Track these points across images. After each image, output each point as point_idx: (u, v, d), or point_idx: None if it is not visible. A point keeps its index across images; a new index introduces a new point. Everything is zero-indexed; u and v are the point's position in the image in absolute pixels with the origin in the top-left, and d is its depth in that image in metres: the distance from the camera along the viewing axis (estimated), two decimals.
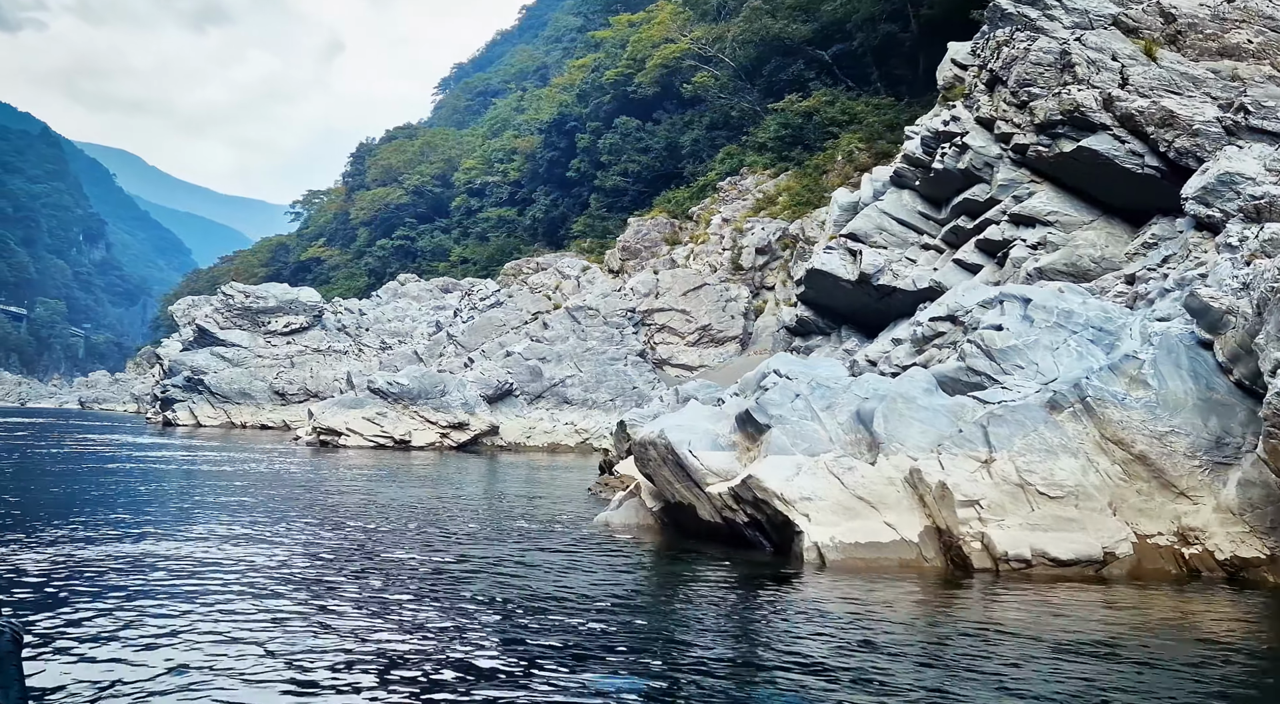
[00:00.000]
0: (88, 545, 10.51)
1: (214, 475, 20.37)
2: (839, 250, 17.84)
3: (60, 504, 14.68)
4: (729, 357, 45.52)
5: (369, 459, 27.99)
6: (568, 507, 15.16)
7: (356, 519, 13.02)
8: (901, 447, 9.91)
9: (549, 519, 13.38)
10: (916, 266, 17.33)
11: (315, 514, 13.60)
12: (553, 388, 37.59)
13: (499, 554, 10.33)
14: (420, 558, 10.08)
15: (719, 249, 51.59)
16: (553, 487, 19.48)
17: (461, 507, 15.06)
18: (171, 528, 12.11)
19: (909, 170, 18.02)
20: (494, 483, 20.67)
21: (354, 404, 33.34)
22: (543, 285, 45.51)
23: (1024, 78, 15.98)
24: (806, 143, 56.03)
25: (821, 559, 9.14)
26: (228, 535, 11.42)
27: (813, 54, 59.87)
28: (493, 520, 13.22)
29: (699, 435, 10.78)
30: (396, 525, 12.48)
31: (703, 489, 10.48)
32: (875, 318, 18.22)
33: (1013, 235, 15.94)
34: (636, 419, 20.80)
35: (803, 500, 9.43)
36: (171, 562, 9.57)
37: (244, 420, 53.47)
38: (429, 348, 43.56)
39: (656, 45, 66.80)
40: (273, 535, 11.51)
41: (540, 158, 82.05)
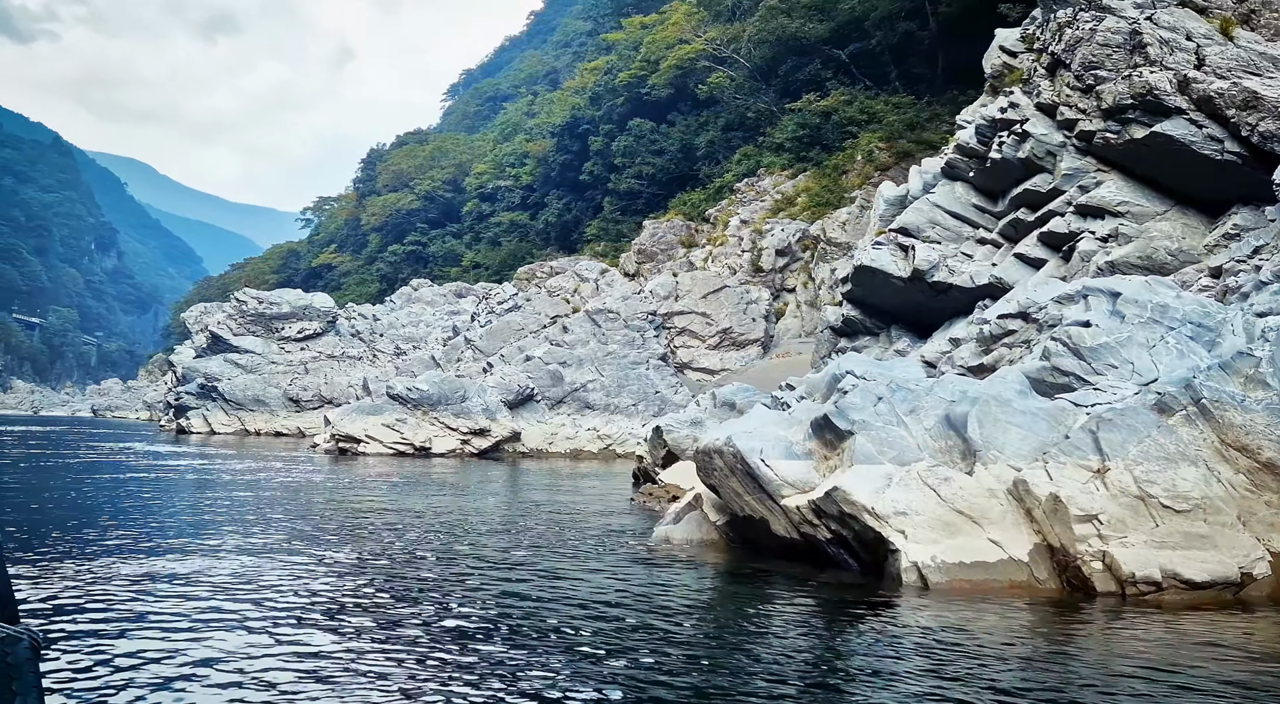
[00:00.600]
0: (106, 558, 9.96)
1: (233, 485, 19.45)
2: (888, 246, 16.85)
3: (77, 516, 13.81)
4: (751, 360, 44.52)
5: (390, 467, 27.07)
6: (614, 519, 14.18)
7: (388, 534, 12.07)
8: (1000, 455, 8.92)
9: (600, 534, 12.39)
10: (973, 262, 16.33)
11: (343, 529, 12.65)
12: (574, 393, 36.64)
13: (553, 574, 9.36)
14: (466, 578, 9.12)
15: (738, 251, 50.64)
16: (588, 496, 18.50)
17: (500, 519, 14.10)
18: (191, 542, 11.26)
19: (962, 161, 17.02)
20: (525, 492, 19.71)
21: (373, 410, 32.43)
22: (561, 288, 44.57)
23: (1090, 60, 14.98)
24: (825, 143, 55.10)
25: (923, 581, 8.14)
26: (251, 550, 10.50)
27: (829, 53, 58.95)
28: (538, 535, 12.25)
29: (771, 443, 9.80)
30: (433, 540, 11.53)
31: (777, 502, 9.49)
32: (928, 317, 17.22)
33: (1080, 228, 14.94)
34: (673, 425, 19.85)
35: (897, 515, 8.44)
36: (192, 580, 8.83)
37: (258, 427, 52.64)
38: (446, 353, 42.65)
39: (671, 46, 65.96)
40: (299, 552, 10.57)
41: (552, 161, 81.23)
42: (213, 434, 51.55)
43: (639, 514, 14.62)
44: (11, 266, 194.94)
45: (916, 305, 17.10)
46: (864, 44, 57.70)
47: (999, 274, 15.69)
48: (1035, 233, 15.69)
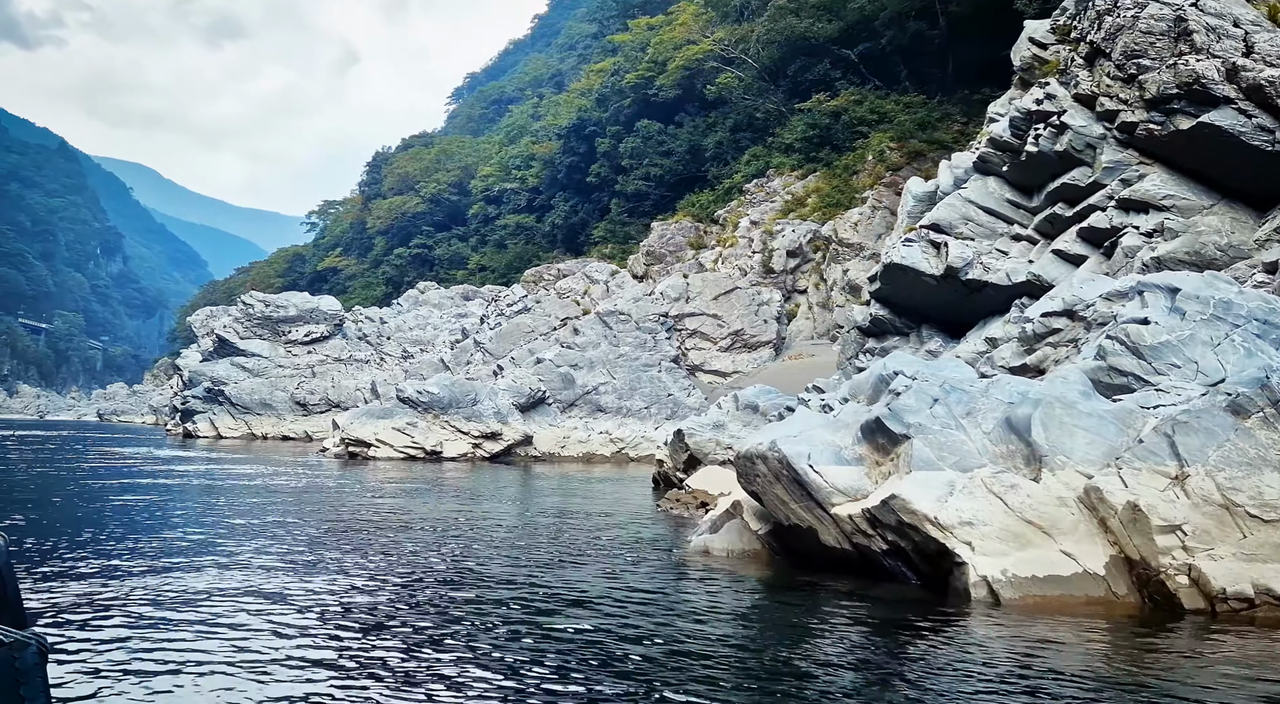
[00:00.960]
0: (116, 566, 9.64)
1: (244, 492, 18.88)
2: (919, 243, 16.25)
3: (86, 524, 13.31)
4: (763, 362, 43.94)
5: (401, 471, 26.50)
6: (643, 527, 13.59)
7: (406, 544, 11.49)
8: (1068, 460, 8.32)
9: (631, 543, 11.80)
10: (1008, 259, 15.73)
11: (359, 537, 12.07)
12: (586, 396, 36.07)
13: (587, 588, 8.78)
14: (495, 591, 8.54)
15: (748, 252, 50.06)
16: (609, 501, 17.91)
17: (522, 527, 13.51)
18: (201, 551, 10.73)
19: (995, 155, 16.42)
20: (542, 497, 19.11)
21: (383, 414, 31.87)
22: (570, 290, 44.01)
23: (1132, 49, 14.39)
24: (835, 143, 54.54)
25: (994, 596, 7.54)
26: (263, 562, 9.93)
27: (838, 53, 58.36)
28: (566, 544, 11.66)
29: (819, 448, 9.21)
30: (455, 551, 10.95)
31: (826, 510, 8.90)
32: (960, 316, 16.61)
33: (1122, 222, 14.34)
34: (695, 428, 19.28)
35: (963, 526, 7.84)
36: (202, 590, 8.46)
37: (265, 431, 52.13)
38: (455, 356, 42.09)
39: (678, 47, 65.43)
40: (315, 562, 10.01)
41: (559, 163, 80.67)
42: (219, 438, 51.04)
43: (667, 521, 14.02)
44: (17, 271, 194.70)
45: (949, 304, 16.50)
46: (873, 44, 57.11)
47: (1037, 271, 15.09)
48: (1074, 228, 15.10)
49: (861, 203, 48.53)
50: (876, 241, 46.29)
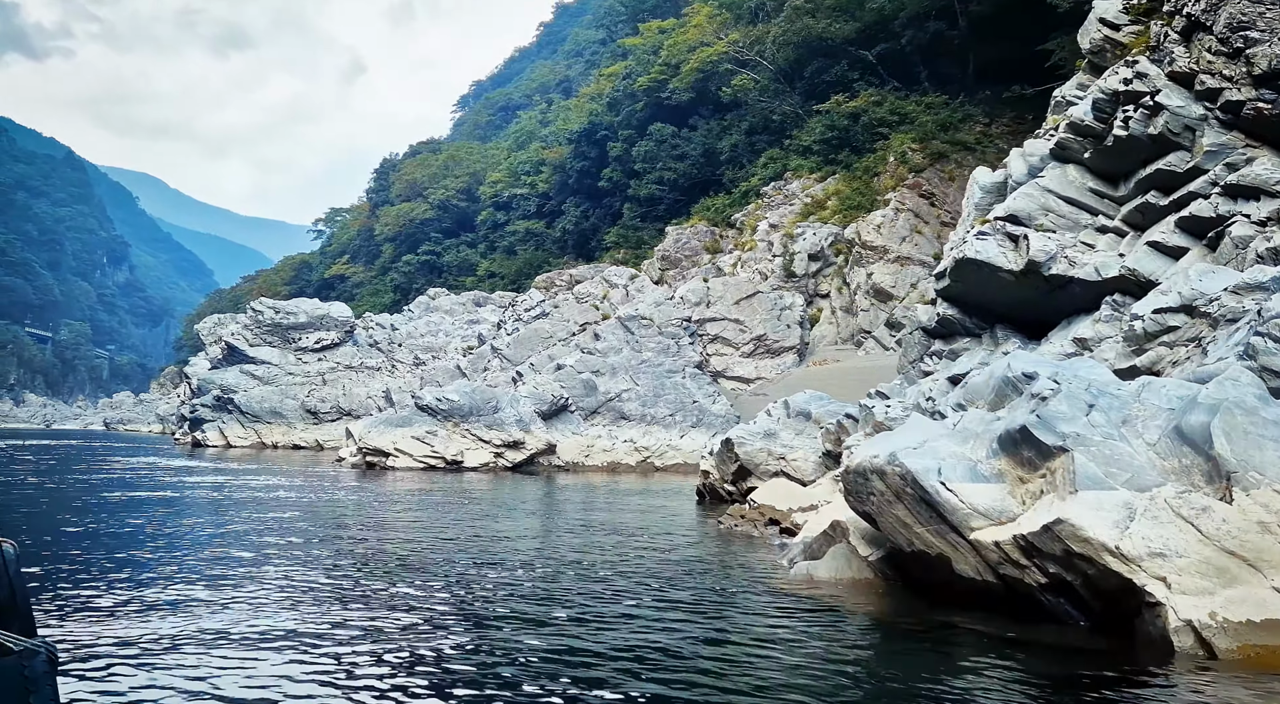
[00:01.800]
0: (128, 580, 9.20)
1: (262, 506, 17.51)
2: (995, 236, 14.89)
3: (99, 537, 12.35)
4: (787, 368, 42.59)
5: (421, 482, 25.14)
6: (712, 549, 12.18)
7: (445, 566, 10.13)
8: (1262, 477, 6.95)
9: (708, 568, 10.41)
10: (1096, 252, 14.37)
11: (393, 560, 10.72)
12: (608, 403, 34.70)
13: (674, 627, 7.41)
14: (566, 633, 7.17)
15: (768, 256, 48.73)
16: (658, 517, 16.52)
17: (570, 548, 12.13)
18: (216, 569, 9.83)
19: (1075, 141, 15.06)
20: (582, 512, 17.72)
21: (401, 422, 30.51)
22: (589, 295, 42.66)
23: (1238, 20, 13.06)
24: (854, 145, 53.25)
25: (1205, 647, 6.16)
26: (288, 583, 8.62)
27: (856, 54, 57.11)
28: (633, 569, 10.28)
29: (949, 462, 7.84)
30: (511, 579, 9.57)
31: (964, 535, 7.54)
32: (1040, 314, 15.25)
33: (1230, 210, 12.98)
34: (745, 437, 17.91)
35: (1153, 558, 6.47)
36: (219, 607, 7.96)
37: (275, 440, 50.79)
38: (472, 362, 40.74)
39: (692, 49, 64.20)
40: (351, 589, 8.67)
41: (570, 168, 79.44)
42: (229, 447, 49.70)
43: (737, 542, 12.63)
44: (24, 280, 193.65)
45: (1027, 302, 15.13)
46: (891, 44, 55.86)
47: (1131, 265, 13.72)
48: (1171, 218, 13.74)
49: (884, 205, 47.21)
50: (901, 244, 45.00)
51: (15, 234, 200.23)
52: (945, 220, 46.21)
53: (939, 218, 46.29)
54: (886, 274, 43.84)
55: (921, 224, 45.87)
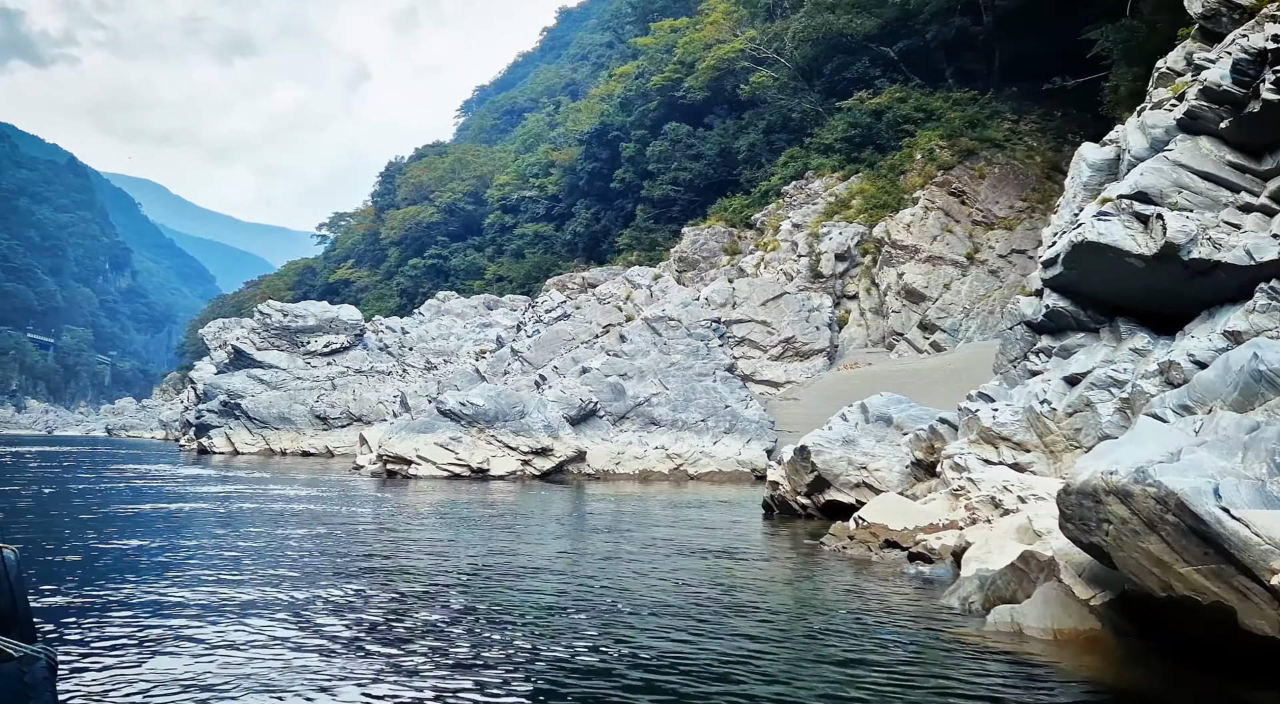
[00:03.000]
0: (135, 594, 8.67)
1: (279, 520, 15.57)
2: (1120, 217, 13.02)
3: (110, 548, 11.48)
4: (817, 371, 40.70)
5: (448, 492, 23.20)
6: (827, 581, 10.22)
7: (510, 603, 8.25)
8: None
9: (856, 608, 8.48)
10: (1243, 233, 12.50)
11: (439, 599, 8.84)
12: (637, 407, 32.78)
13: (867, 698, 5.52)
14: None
15: (792, 256, 46.88)
16: (732, 534, 14.60)
17: (658, 573, 10.22)
18: (234, 591, 8.87)
19: (1209, 109, 13.19)
20: (640, 528, 15.77)
21: (423, 428, 28.57)
22: (611, 296, 40.76)
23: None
24: (878, 143, 51.45)
25: None
26: (318, 622, 6.80)
27: (877, 51, 55.37)
28: (746, 607, 8.38)
29: (1229, 481, 5.95)
30: (585, 619, 7.69)
31: (1259, 579, 5.65)
32: (1171, 305, 13.36)
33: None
34: (822, 444, 15.99)
35: None
36: (229, 623, 7.47)
37: (284, 447, 48.82)
38: (491, 365, 38.81)
39: (708, 47, 62.41)
40: (394, 626, 6.83)
41: (580, 170, 77.61)
42: (236, 454, 47.72)
43: (857, 570, 10.67)
44: (26, 286, 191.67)
45: (1158, 291, 13.23)
46: (914, 40, 54.13)
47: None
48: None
49: (912, 203, 45.39)
50: (932, 243, 43.17)
51: (18, 240, 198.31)
52: (977, 219, 44.41)
53: (970, 216, 44.47)
54: (918, 274, 41.99)
55: (952, 223, 44.04)
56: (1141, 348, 13.22)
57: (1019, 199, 44.75)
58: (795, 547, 12.91)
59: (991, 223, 43.99)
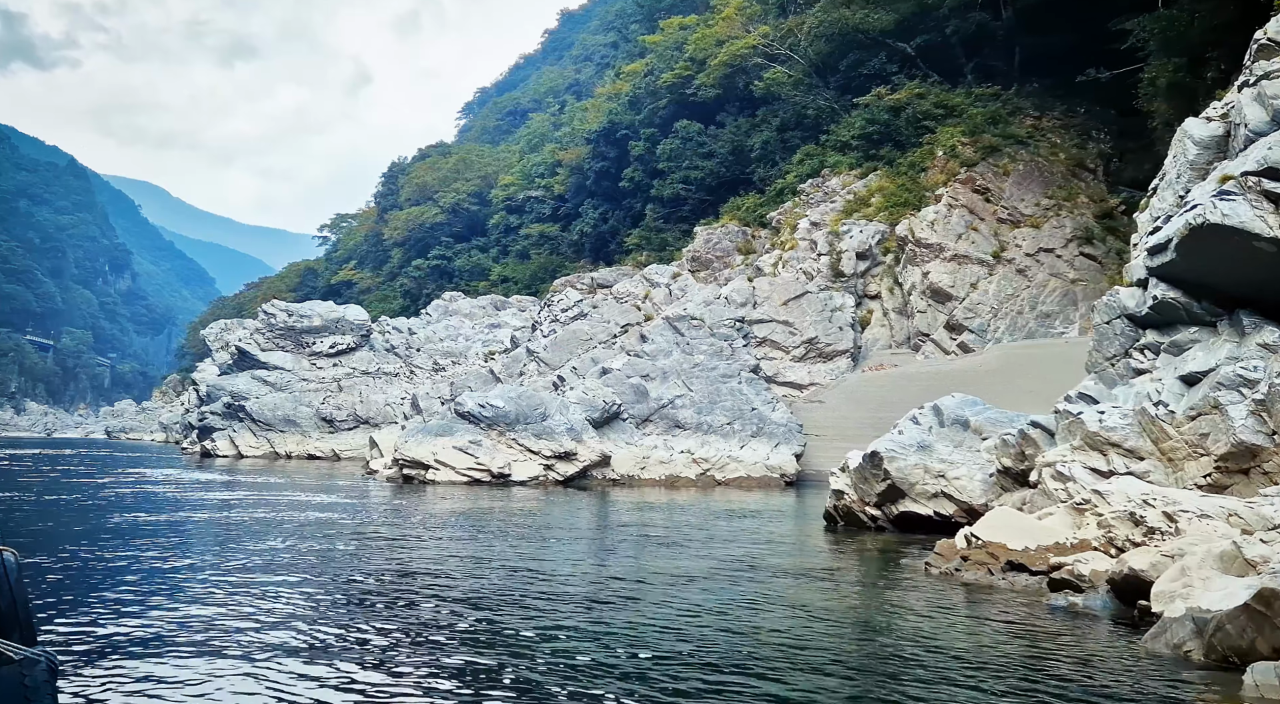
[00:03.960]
0: (150, 622, 7.85)
1: (300, 532, 14.08)
2: (1246, 196, 11.58)
3: (115, 562, 10.68)
4: (841, 373, 39.24)
5: (469, 499, 21.71)
6: (982, 613, 8.78)
7: (584, 640, 6.79)
8: None
9: (1047, 654, 7.01)
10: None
11: (491, 623, 7.38)
12: (661, 410, 31.30)
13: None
14: None
15: (812, 255, 45.40)
16: (802, 549, 13.13)
17: (751, 608, 8.75)
18: (257, 612, 8.14)
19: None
20: (699, 541, 14.27)
21: (441, 431, 27.06)
22: (628, 294, 39.32)
23: None
24: (897, 140, 50.00)
25: None
26: (338, 650, 5.48)
27: (894, 47, 53.96)
28: (883, 656, 6.92)
29: None
30: (683, 667, 6.23)
31: None
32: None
33: None
34: (895, 450, 14.53)
35: None
36: (237, 645, 6.97)
37: (289, 450, 47.30)
38: (506, 366, 37.31)
39: (720, 43, 60.97)
40: (442, 663, 5.41)
41: (587, 169, 76.09)
42: (240, 457, 46.20)
43: (985, 598, 9.21)
44: (26, 288, 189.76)
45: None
46: (932, 36, 52.73)
47: None
48: None
49: (935, 201, 43.96)
50: (957, 241, 41.75)
51: (17, 242, 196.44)
52: (1002, 217, 43.00)
53: (995, 214, 43.05)
54: (944, 273, 40.56)
55: (977, 220, 42.62)
56: (1272, 343, 11.76)
57: (1044, 196, 43.35)
58: (887, 567, 11.43)
59: (1017, 220, 42.58)
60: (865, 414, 35.50)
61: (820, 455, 32.87)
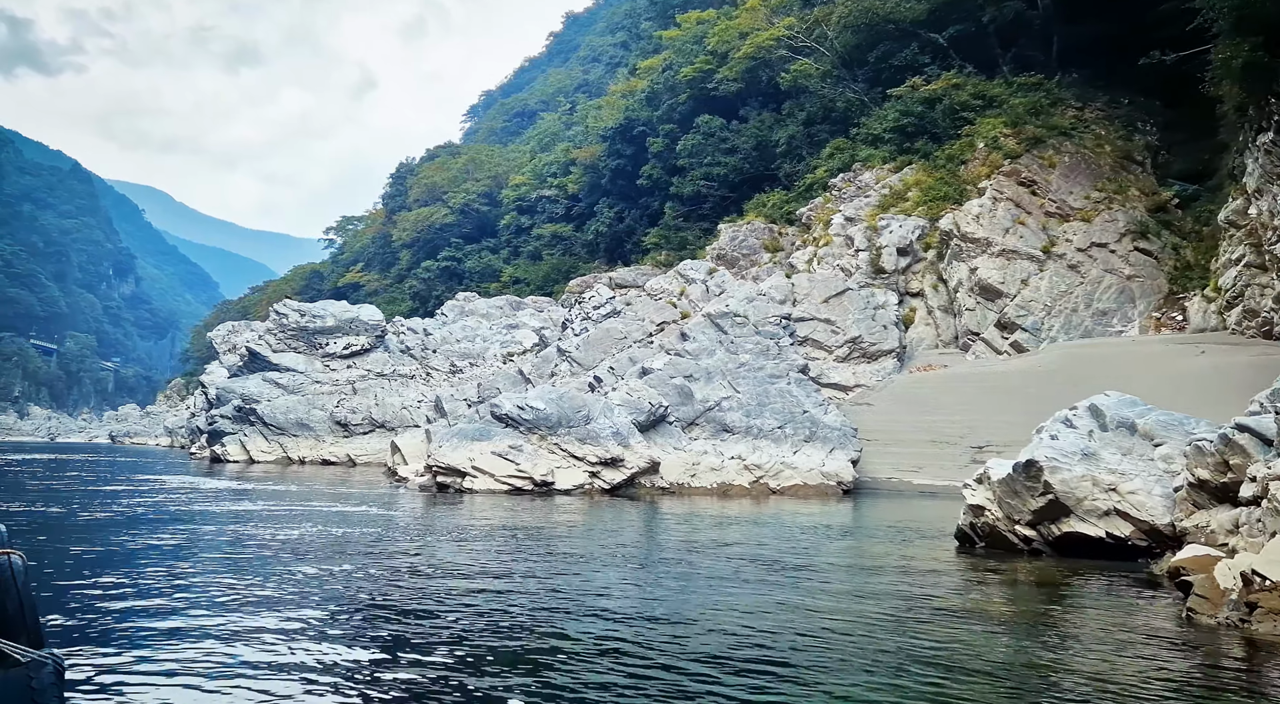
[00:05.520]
0: (160, 627, 7.37)
1: (330, 551, 11.64)
2: None
3: (127, 568, 10.18)
4: (887, 374, 36.85)
5: (514, 512, 19.29)
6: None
7: None
8: None
9: None
10: None
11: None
12: (707, 412, 28.86)
13: None
14: None
15: (849, 251, 43.04)
16: (960, 584, 10.71)
17: (1005, 675, 6.36)
18: (271, 627, 7.47)
19: None
20: (808, 569, 11.83)
21: (478, 435, 24.60)
22: (663, 291, 36.91)
23: None
24: (934, 132, 47.68)
25: None
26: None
27: (926, 37, 51.70)
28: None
29: None
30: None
31: None
32: None
33: None
34: (1058, 458, 12.12)
35: None
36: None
37: (302, 455, 44.79)
38: (536, 366, 34.85)
39: (743, 35, 58.67)
40: None
41: (603, 167, 73.74)
42: (251, 463, 43.68)
43: (1264, 665, 6.83)
44: (29, 292, 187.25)
45: None
46: (966, 26, 50.47)
47: None
48: None
49: (978, 194, 41.64)
50: (1005, 236, 39.40)
51: (21, 246, 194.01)
52: (1050, 210, 40.66)
53: (1042, 207, 40.71)
54: (993, 269, 38.19)
55: (1023, 214, 40.27)
56: None
57: (1094, 189, 41.01)
58: (1111, 610, 8.97)
59: (1066, 214, 40.23)
60: (918, 417, 33.11)
61: (874, 461, 30.52)
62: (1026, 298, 37.29)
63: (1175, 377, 28.23)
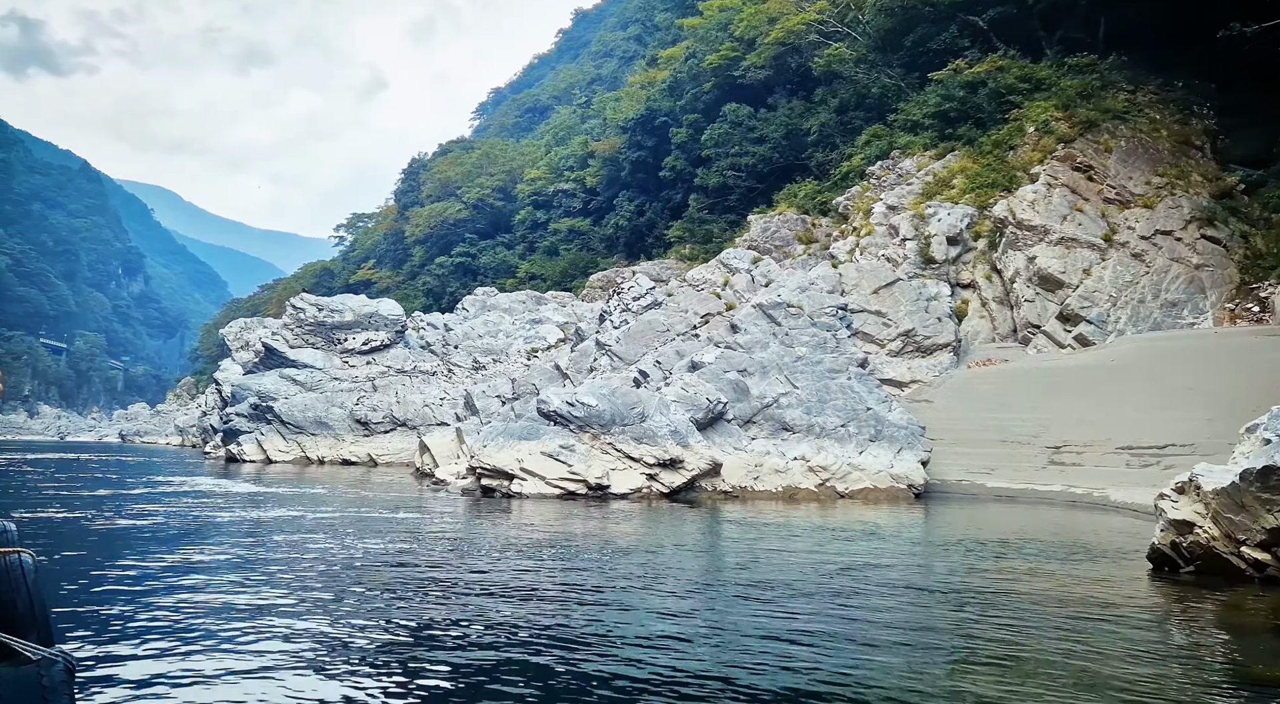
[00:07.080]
0: (172, 626, 7.18)
1: (373, 565, 9.27)
2: None
3: (141, 570, 9.39)
4: (944, 368, 34.42)
5: (576, 518, 16.93)
6: None
7: None
8: None
9: None
10: None
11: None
12: (765, 409, 26.46)
13: None
14: None
15: (894, 241, 40.56)
16: (1203, 626, 8.36)
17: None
18: (287, 630, 7.11)
19: None
20: (991, 606, 9.44)
21: (525, 434, 22.22)
22: (705, 282, 34.51)
23: None
24: (977, 117, 45.16)
25: None
26: None
27: (965, 20, 49.20)
28: None
29: None
30: None
31: None
32: None
33: None
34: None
35: None
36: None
37: (321, 454, 42.49)
38: (574, 360, 32.44)
39: (773, 21, 56.20)
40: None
41: (623, 160, 71.30)
42: (269, 463, 41.36)
43: None
44: (39, 291, 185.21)
45: None
46: (1007, 8, 47.96)
47: None
48: None
49: (1030, 180, 39.15)
50: (1063, 223, 36.95)
51: (31, 245, 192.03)
52: (1109, 196, 38.14)
53: (1100, 194, 38.20)
54: (1052, 258, 35.75)
55: (1081, 200, 37.78)
56: None
57: (1154, 174, 38.49)
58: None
59: (1126, 200, 37.74)
60: (981, 415, 30.69)
61: (940, 462, 28.08)
62: (1090, 288, 34.84)
63: (1271, 371, 25.80)
